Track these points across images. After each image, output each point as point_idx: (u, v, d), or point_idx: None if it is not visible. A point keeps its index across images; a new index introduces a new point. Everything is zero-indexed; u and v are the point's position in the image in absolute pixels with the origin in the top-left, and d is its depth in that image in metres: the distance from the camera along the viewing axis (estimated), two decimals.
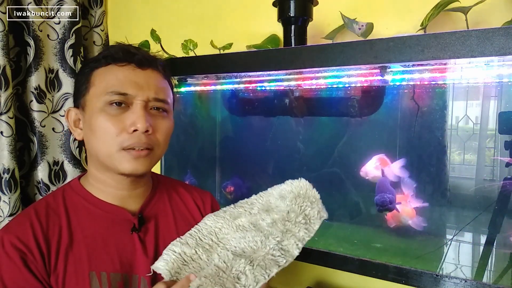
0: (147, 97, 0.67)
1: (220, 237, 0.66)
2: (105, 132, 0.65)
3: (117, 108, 0.66)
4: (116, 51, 0.69)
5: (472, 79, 0.92)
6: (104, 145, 0.66)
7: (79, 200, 0.70)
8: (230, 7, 1.23)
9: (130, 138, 0.65)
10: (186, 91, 1.27)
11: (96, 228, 0.68)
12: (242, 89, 1.28)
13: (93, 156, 0.70)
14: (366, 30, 0.87)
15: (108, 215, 0.70)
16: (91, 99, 0.67)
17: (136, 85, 0.67)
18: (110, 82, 0.66)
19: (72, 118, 0.71)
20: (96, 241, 0.67)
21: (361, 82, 0.99)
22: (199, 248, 0.64)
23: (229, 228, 0.67)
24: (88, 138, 0.69)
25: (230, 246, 0.64)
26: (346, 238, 1.09)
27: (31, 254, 0.62)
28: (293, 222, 0.65)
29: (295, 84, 1.13)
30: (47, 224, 0.66)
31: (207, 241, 0.66)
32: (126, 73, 0.67)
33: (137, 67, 0.68)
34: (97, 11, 1.41)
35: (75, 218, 0.68)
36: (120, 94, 0.65)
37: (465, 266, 0.95)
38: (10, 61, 1.12)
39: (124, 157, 0.66)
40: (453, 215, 1.04)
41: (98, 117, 0.65)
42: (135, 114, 0.65)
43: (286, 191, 0.70)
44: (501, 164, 0.95)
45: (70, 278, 0.64)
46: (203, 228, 0.68)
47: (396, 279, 0.85)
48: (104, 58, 0.68)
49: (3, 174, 1.10)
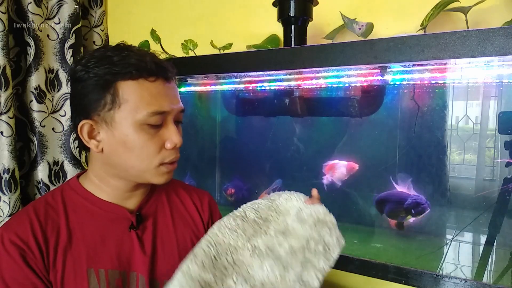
0: (176, 112, 0.69)
1: (235, 258, 0.63)
2: (146, 150, 0.66)
3: (154, 126, 0.67)
4: (149, 64, 0.65)
5: (472, 79, 0.92)
6: (144, 162, 0.67)
7: (77, 198, 0.71)
8: (230, 7, 1.23)
9: (171, 154, 0.68)
10: (186, 91, 1.27)
11: (94, 226, 0.69)
12: (242, 89, 1.28)
13: (115, 166, 0.69)
14: (366, 30, 0.87)
15: (107, 213, 0.70)
16: (125, 116, 0.64)
17: (169, 101, 0.67)
18: (146, 99, 0.64)
19: (86, 130, 0.67)
20: (95, 239, 0.68)
21: (361, 82, 0.99)
22: (216, 271, 0.61)
23: (244, 249, 0.64)
24: (119, 154, 0.67)
25: (248, 276, 0.61)
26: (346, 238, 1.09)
27: (30, 251, 0.63)
28: (313, 251, 0.63)
29: (295, 84, 1.13)
30: (46, 222, 0.66)
31: (223, 262, 0.63)
32: (159, 89, 0.66)
33: (165, 81, 0.68)
34: (97, 11, 1.41)
35: (73, 216, 0.69)
36: (160, 114, 0.66)
37: (465, 266, 0.95)
38: (10, 61, 1.12)
39: (161, 170, 0.68)
40: (453, 215, 1.04)
41: (138, 135, 0.65)
42: (171, 131, 0.68)
43: (306, 214, 0.66)
44: (501, 164, 0.95)
45: (68, 275, 0.64)
46: (216, 242, 0.64)
47: (396, 279, 0.85)
48: (137, 71, 0.64)
49: (3, 174, 1.10)
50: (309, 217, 0.66)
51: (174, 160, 0.69)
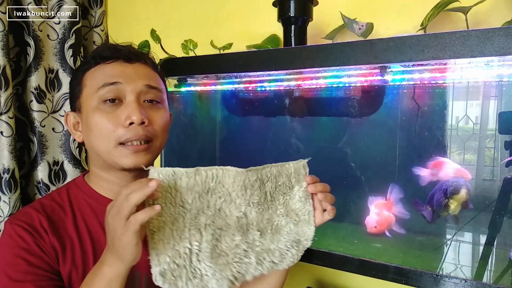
0: (138, 87, 0.68)
1: (223, 208, 0.61)
2: (101, 129, 0.66)
3: (111, 105, 0.66)
4: (103, 50, 0.70)
5: (472, 79, 0.92)
6: (102, 142, 0.66)
7: (83, 196, 0.72)
8: (230, 7, 1.23)
9: (127, 132, 0.65)
10: (186, 91, 1.27)
11: (98, 223, 0.69)
12: (242, 89, 1.28)
13: (93, 155, 0.71)
14: (366, 30, 0.87)
15: None
16: (85, 100, 0.68)
17: (126, 75, 0.68)
18: (99, 78, 0.67)
19: (71, 122, 0.73)
20: (99, 237, 0.69)
21: (361, 82, 0.99)
22: (197, 200, 0.58)
23: (236, 211, 0.62)
24: (87, 137, 0.70)
25: (218, 234, 0.60)
26: (346, 238, 1.09)
27: (40, 238, 0.64)
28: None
29: (295, 84, 1.13)
30: (53, 217, 0.67)
31: (210, 200, 0.60)
32: (114, 66, 0.69)
33: (124, 61, 0.70)
34: (97, 11, 1.41)
35: (79, 214, 0.70)
36: (110, 85, 0.66)
37: (465, 266, 0.95)
38: (10, 61, 1.12)
39: (122, 152, 0.66)
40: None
41: (94, 115, 0.66)
42: (129, 107, 0.66)
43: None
44: (501, 164, 0.95)
45: (77, 270, 0.65)
46: (221, 182, 0.61)
47: (396, 279, 0.85)
48: (93, 59, 0.70)
49: (3, 174, 1.10)
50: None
51: (132, 138, 0.65)
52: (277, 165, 0.67)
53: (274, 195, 0.66)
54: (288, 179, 0.67)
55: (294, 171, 0.67)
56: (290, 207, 0.68)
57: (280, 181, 0.66)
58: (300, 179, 0.68)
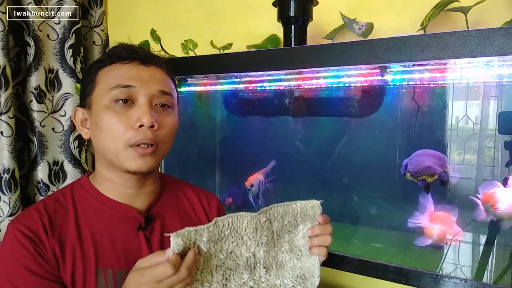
0: (152, 91, 0.68)
1: (234, 251, 0.64)
2: (111, 129, 0.65)
3: (122, 105, 0.66)
4: (119, 50, 0.70)
5: (472, 79, 0.92)
6: (111, 142, 0.66)
7: (87, 197, 0.71)
8: (230, 7, 1.23)
9: (137, 135, 0.65)
10: (186, 91, 1.27)
11: (103, 225, 0.69)
12: (242, 89, 1.28)
13: (100, 154, 0.71)
14: (366, 30, 0.87)
15: (115, 213, 0.70)
16: (97, 98, 0.68)
17: (140, 78, 0.67)
18: (114, 78, 0.67)
19: (79, 118, 0.72)
20: (103, 238, 0.68)
21: (361, 82, 0.99)
22: (212, 248, 0.61)
23: (245, 253, 0.65)
24: (95, 136, 0.69)
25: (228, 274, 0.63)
26: (346, 238, 1.09)
27: (41, 243, 0.64)
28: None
29: (295, 84, 1.13)
30: (55, 219, 0.67)
31: (224, 246, 0.63)
32: (130, 68, 0.68)
33: (140, 63, 0.69)
34: (97, 11, 1.41)
35: (82, 215, 0.69)
36: (124, 87, 0.66)
37: (465, 266, 0.95)
38: (10, 61, 1.12)
39: (130, 154, 0.66)
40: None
41: (104, 114, 0.66)
42: (141, 110, 0.66)
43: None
44: (501, 164, 0.95)
45: (77, 272, 0.65)
46: (236, 228, 0.64)
47: (396, 279, 0.85)
48: (109, 58, 0.69)
49: (3, 174, 1.10)
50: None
51: (141, 141, 0.65)
52: (283, 205, 0.68)
53: (280, 233, 0.68)
54: (293, 218, 0.69)
55: (301, 210, 0.69)
56: (294, 244, 0.70)
57: (286, 220, 0.68)
58: (306, 218, 0.70)
